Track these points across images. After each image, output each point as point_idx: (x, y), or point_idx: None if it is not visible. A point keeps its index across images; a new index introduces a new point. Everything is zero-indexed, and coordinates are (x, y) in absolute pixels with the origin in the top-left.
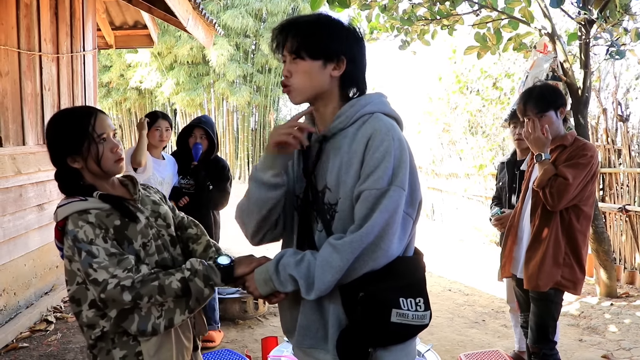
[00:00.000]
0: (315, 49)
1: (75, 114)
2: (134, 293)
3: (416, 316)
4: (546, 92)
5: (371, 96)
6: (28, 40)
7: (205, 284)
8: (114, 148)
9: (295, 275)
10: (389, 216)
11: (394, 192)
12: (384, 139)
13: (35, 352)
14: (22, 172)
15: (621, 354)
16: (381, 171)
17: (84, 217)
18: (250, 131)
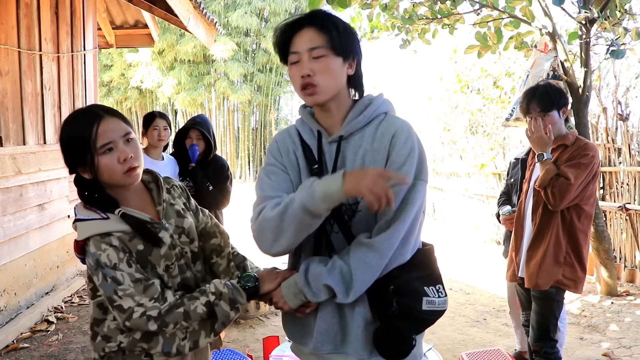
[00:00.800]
0: (339, 45)
1: (76, 122)
2: (160, 322)
3: (440, 302)
4: (550, 91)
5: (380, 97)
6: (28, 40)
7: (231, 307)
8: (123, 157)
9: (331, 283)
10: (418, 209)
11: (420, 186)
12: (408, 136)
13: (36, 352)
14: (22, 172)
15: (622, 352)
16: (408, 167)
17: (107, 239)
18: (251, 130)
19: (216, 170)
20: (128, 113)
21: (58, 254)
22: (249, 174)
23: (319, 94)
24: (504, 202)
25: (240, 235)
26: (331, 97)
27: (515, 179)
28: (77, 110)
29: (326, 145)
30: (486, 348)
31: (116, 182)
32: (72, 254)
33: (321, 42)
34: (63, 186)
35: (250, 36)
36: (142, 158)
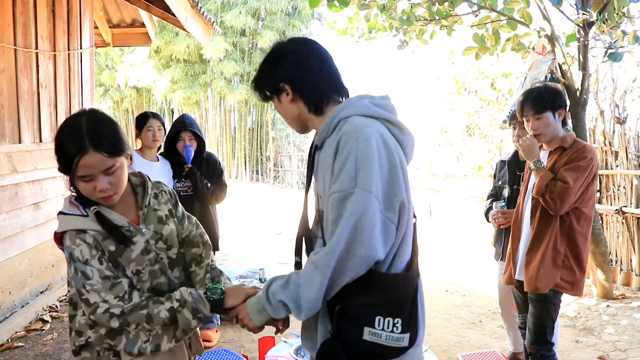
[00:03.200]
0: (264, 93)
1: (65, 141)
2: (122, 320)
3: (390, 337)
4: (545, 93)
5: (349, 100)
6: (25, 38)
7: (194, 315)
8: (99, 188)
9: (284, 299)
10: (357, 220)
11: (358, 195)
12: (347, 140)
13: (30, 351)
14: (18, 171)
15: (617, 355)
16: (344, 174)
17: (82, 236)
18: (248, 130)
19: (210, 166)
20: (125, 113)
21: (53, 253)
22: (245, 174)
23: (296, 130)
24: (492, 203)
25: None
26: (299, 128)
27: (503, 181)
28: (74, 125)
29: (313, 154)
30: (482, 350)
31: (93, 200)
32: None
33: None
34: (59, 185)
35: (247, 36)
36: (122, 184)
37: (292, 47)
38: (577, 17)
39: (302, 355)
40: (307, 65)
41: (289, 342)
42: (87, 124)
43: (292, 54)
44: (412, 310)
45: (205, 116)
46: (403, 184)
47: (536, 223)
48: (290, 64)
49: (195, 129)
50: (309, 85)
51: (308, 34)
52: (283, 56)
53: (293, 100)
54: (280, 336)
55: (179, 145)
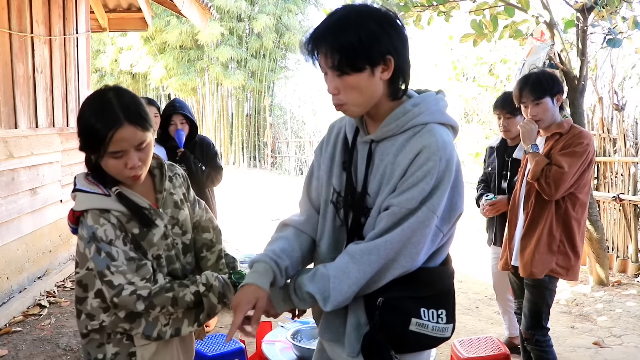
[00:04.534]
0: (358, 61)
1: (97, 117)
2: (148, 302)
3: (436, 328)
4: (543, 78)
5: (427, 102)
6: (19, 22)
7: (219, 300)
8: (130, 165)
9: (311, 290)
10: (412, 234)
11: (421, 213)
12: (430, 158)
13: (28, 336)
14: (14, 156)
15: (612, 340)
16: (417, 191)
17: (106, 215)
18: (245, 117)
19: (203, 149)
20: None
21: (50, 238)
22: (242, 161)
23: (350, 111)
24: (483, 189)
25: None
26: (367, 109)
27: (493, 167)
28: (102, 101)
29: (360, 143)
30: (478, 335)
31: (119, 179)
32: (64, 238)
33: (336, 63)
34: (55, 171)
35: (243, 21)
36: (149, 162)
37: (393, 17)
38: (576, 2)
39: (299, 339)
40: (407, 44)
41: (285, 326)
42: (116, 98)
43: (398, 22)
44: (454, 303)
45: (202, 102)
46: (462, 198)
47: (531, 208)
48: (398, 37)
49: (186, 112)
50: (408, 64)
51: (304, 19)
52: (392, 22)
53: (383, 77)
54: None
55: (171, 129)
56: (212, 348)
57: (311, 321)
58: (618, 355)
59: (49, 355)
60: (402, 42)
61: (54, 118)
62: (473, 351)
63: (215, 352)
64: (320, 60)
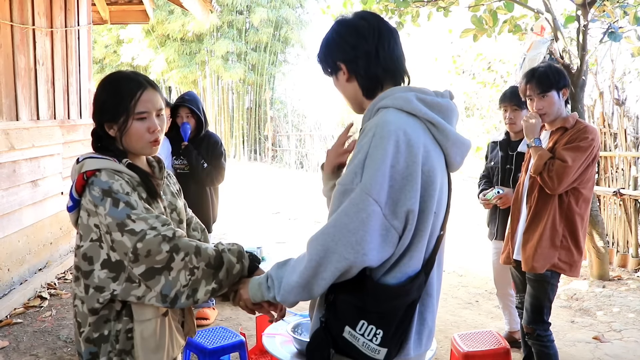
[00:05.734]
0: (324, 68)
1: (124, 82)
2: (173, 245)
3: (367, 345)
4: (549, 72)
5: (394, 89)
6: (21, 14)
7: (238, 259)
8: (152, 128)
9: (273, 275)
10: (349, 220)
11: (355, 195)
12: (366, 134)
13: (29, 328)
14: (15, 148)
15: (612, 335)
16: (350, 167)
17: (120, 174)
18: (246, 110)
19: (209, 147)
20: None
21: (51, 230)
22: (243, 154)
23: (354, 110)
24: (485, 184)
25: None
26: (356, 107)
27: (495, 162)
28: (122, 72)
29: None
30: (478, 329)
31: (138, 148)
32: (65, 230)
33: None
34: (57, 163)
35: (243, 14)
36: (163, 131)
37: (353, 24)
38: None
39: (299, 332)
40: (364, 47)
41: (286, 319)
42: (134, 73)
43: (351, 32)
44: (400, 325)
45: (203, 95)
46: (418, 192)
47: (534, 203)
48: (347, 44)
49: (192, 106)
50: (364, 67)
51: (304, 12)
52: (342, 34)
53: (349, 80)
54: None
55: (178, 120)
56: (212, 341)
57: None
58: (618, 349)
59: (50, 347)
60: (353, 48)
61: (55, 110)
62: (473, 345)
63: (216, 345)
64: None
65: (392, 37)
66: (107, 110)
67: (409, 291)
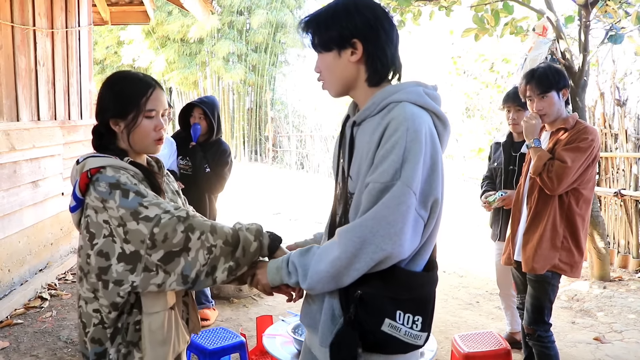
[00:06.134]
0: (325, 40)
1: (134, 80)
2: (187, 224)
3: (409, 333)
4: (549, 72)
5: (404, 84)
6: (22, 15)
7: (255, 238)
8: (158, 127)
9: (296, 262)
10: (387, 211)
11: (397, 189)
12: (397, 128)
13: (29, 328)
14: (16, 149)
15: (612, 336)
16: (387, 164)
17: (124, 171)
18: (246, 110)
19: (217, 153)
20: None
21: (52, 231)
22: (243, 155)
23: (327, 88)
24: (488, 186)
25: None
26: (341, 90)
27: (498, 162)
28: (130, 72)
29: (347, 128)
30: (479, 330)
31: (144, 146)
32: (66, 231)
33: (311, 43)
34: (57, 163)
35: (243, 14)
36: (165, 131)
37: (372, 4)
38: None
39: (299, 333)
40: (386, 29)
41: (286, 320)
42: (142, 74)
43: (374, 10)
44: (432, 311)
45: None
46: (441, 181)
47: (534, 203)
48: (371, 21)
49: (207, 108)
50: (381, 51)
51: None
52: (363, 8)
53: (358, 61)
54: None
55: (191, 120)
56: (213, 342)
57: None
58: (619, 350)
59: (50, 347)
60: (376, 31)
61: (56, 111)
62: (474, 346)
63: (216, 346)
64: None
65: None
66: (116, 106)
67: (434, 276)
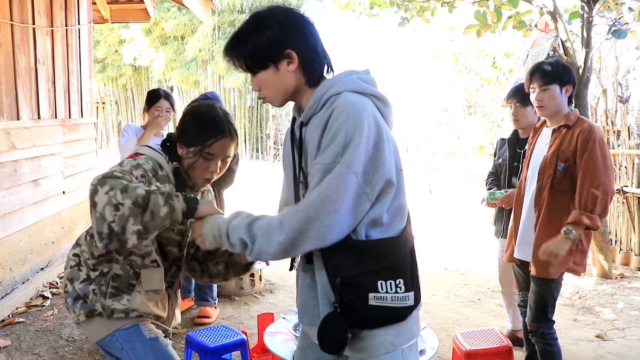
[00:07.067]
0: (259, 61)
1: (210, 122)
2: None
3: (396, 298)
4: (556, 66)
5: (338, 76)
6: (21, 13)
7: (165, 201)
8: (212, 170)
9: (246, 238)
10: (331, 192)
11: (337, 169)
12: (338, 116)
13: (31, 327)
14: (16, 147)
15: (614, 333)
16: (331, 148)
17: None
18: (247, 108)
19: None
20: (123, 89)
21: (53, 230)
22: (245, 152)
23: (272, 101)
24: (492, 182)
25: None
26: (286, 99)
27: (503, 159)
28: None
29: (296, 129)
30: (480, 328)
31: (192, 177)
32: (67, 229)
33: (244, 66)
34: (58, 162)
35: (244, 13)
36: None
37: (291, 12)
38: None
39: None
40: (309, 29)
41: (287, 318)
42: (223, 116)
43: (291, 15)
44: (412, 270)
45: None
46: (389, 161)
47: (545, 205)
48: (294, 26)
49: None
50: (314, 52)
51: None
52: (282, 17)
53: (295, 70)
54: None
55: None
56: (214, 340)
57: None
58: (621, 348)
59: (52, 346)
60: (302, 35)
61: (56, 109)
62: (475, 343)
63: (217, 344)
64: (236, 65)
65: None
66: (187, 137)
67: (404, 238)
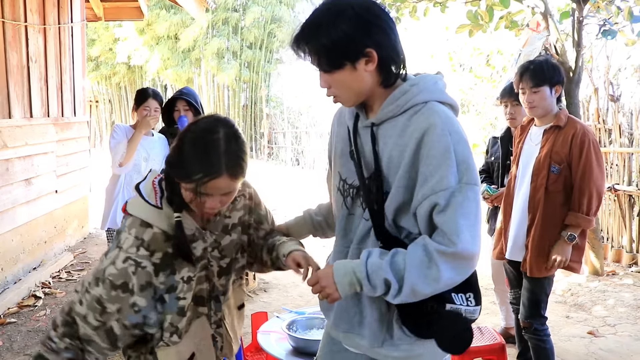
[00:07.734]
0: (336, 59)
1: (200, 160)
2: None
3: (467, 311)
4: (545, 66)
5: (425, 82)
6: (13, 10)
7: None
8: (209, 205)
9: (391, 278)
10: (474, 220)
11: (469, 191)
12: (440, 135)
13: (23, 327)
14: (8, 146)
15: (606, 330)
16: (443, 171)
17: (142, 230)
18: (241, 107)
19: None
20: (117, 88)
21: (45, 229)
22: None
23: (344, 102)
24: (485, 180)
25: None
26: (360, 100)
27: (496, 157)
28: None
29: (361, 128)
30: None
31: (197, 212)
32: (59, 229)
33: (317, 64)
34: (50, 161)
35: (237, 11)
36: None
37: (371, 5)
38: None
39: (294, 330)
40: (391, 25)
41: (281, 317)
42: (225, 143)
43: (372, 8)
44: (477, 285)
45: (199, 93)
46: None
47: (541, 207)
48: (377, 22)
49: (190, 99)
50: (394, 51)
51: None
52: (363, 11)
53: (373, 70)
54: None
55: (175, 114)
56: None
57: (307, 311)
58: (612, 344)
59: None
60: (383, 32)
61: (49, 108)
62: None
63: None
64: (305, 59)
65: None
66: (176, 170)
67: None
